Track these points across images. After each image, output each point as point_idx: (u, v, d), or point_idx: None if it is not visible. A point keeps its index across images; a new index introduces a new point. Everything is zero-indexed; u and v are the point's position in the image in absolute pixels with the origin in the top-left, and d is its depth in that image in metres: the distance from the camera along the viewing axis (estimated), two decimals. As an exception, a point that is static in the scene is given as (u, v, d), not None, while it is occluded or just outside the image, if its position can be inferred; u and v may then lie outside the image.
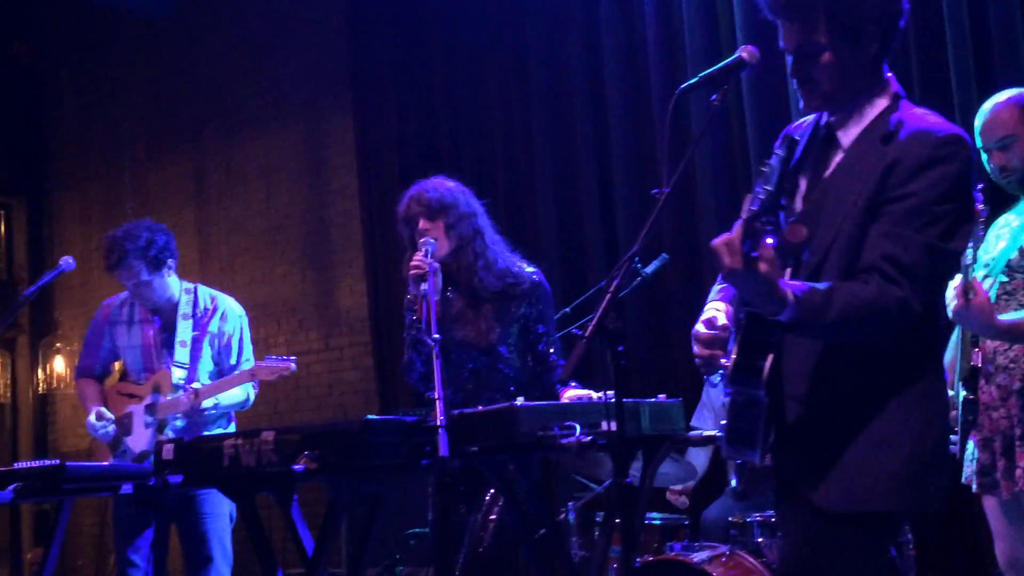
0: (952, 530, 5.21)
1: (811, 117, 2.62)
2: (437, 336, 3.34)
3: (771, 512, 4.66)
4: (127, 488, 3.94)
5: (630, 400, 3.23)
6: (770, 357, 2.30)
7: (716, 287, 2.76)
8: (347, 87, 8.27)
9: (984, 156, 3.55)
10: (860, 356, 2.36)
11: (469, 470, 3.59)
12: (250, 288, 8.75)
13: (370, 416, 3.09)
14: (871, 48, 2.42)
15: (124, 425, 4.81)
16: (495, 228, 4.05)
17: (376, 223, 7.90)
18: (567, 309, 5.00)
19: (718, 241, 2.18)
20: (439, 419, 3.08)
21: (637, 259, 4.19)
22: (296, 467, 3.02)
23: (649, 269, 4.87)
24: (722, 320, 2.50)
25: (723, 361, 2.42)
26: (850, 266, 2.36)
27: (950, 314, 3.29)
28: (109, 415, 4.80)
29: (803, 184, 2.52)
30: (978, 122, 3.59)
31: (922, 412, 2.38)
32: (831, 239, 2.38)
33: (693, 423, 5.71)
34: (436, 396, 3.14)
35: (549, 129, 6.96)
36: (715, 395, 5.80)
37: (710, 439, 3.49)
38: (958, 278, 3.22)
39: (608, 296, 2.43)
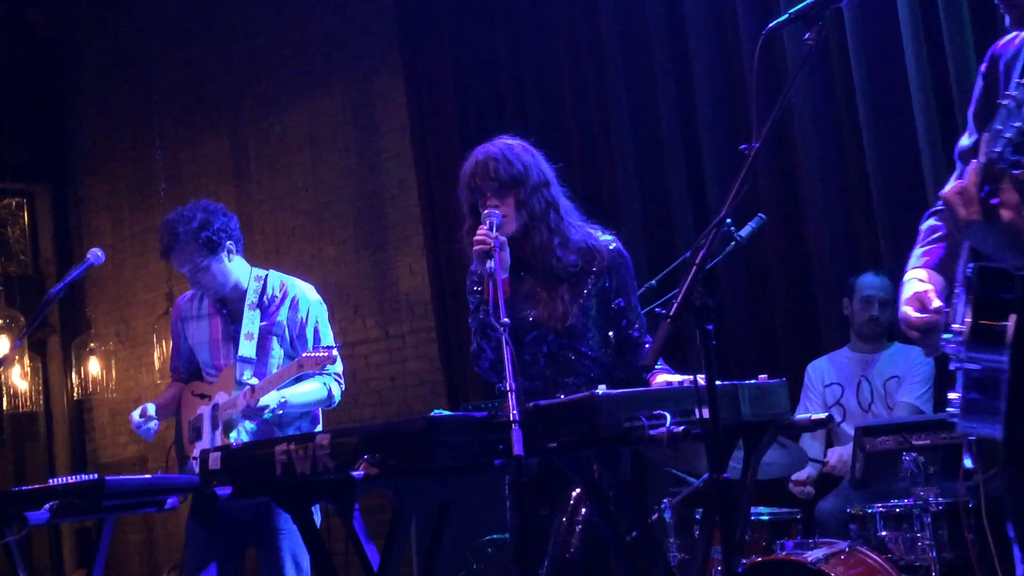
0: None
1: (1019, 34, 2.52)
2: (506, 320, 3.34)
3: (895, 502, 4.63)
4: (173, 502, 4.02)
5: (726, 383, 3.21)
6: (1012, 318, 2.21)
7: (918, 249, 2.68)
8: (396, 42, 8.30)
9: None
10: None
11: (551, 468, 3.60)
12: (298, 272, 8.78)
13: (435, 413, 3.11)
14: None
15: (196, 430, 4.90)
16: (567, 195, 4.05)
17: (435, 194, 7.93)
18: (652, 282, 5.00)
19: (950, 190, 2.13)
20: (512, 413, 3.08)
21: (729, 222, 4.18)
22: (355, 473, 3.05)
23: (744, 232, 4.84)
24: (935, 301, 2.43)
25: (955, 326, 2.35)
26: None
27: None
28: (151, 412, 4.89)
29: None
30: None
31: None
32: None
33: (798, 410, 5.69)
34: (508, 387, 3.14)
35: (625, 80, 6.93)
36: (816, 376, 5.78)
37: (820, 422, 3.47)
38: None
39: (694, 268, 2.43)
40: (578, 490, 3.67)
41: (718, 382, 2.80)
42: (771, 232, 6.06)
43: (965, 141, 2.58)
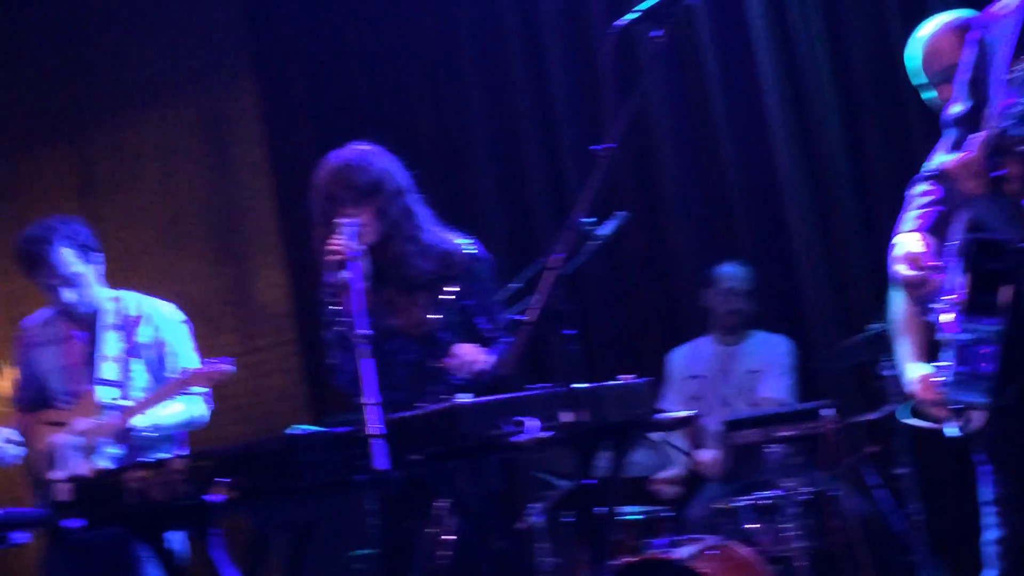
0: None
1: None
2: (367, 332, 3.30)
3: (761, 494, 4.69)
4: (19, 537, 3.88)
5: (591, 385, 3.22)
6: (1009, 289, 2.24)
7: (910, 213, 2.66)
8: (248, 47, 8.15)
9: (928, 93, 3.56)
10: None
11: (416, 480, 3.57)
12: (152, 290, 8.60)
13: (293, 429, 3.05)
14: None
15: (49, 460, 4.73)
16: (424, 201, 4.03)
17: (294, 201, 7.79)
18: (515, 284, 4.98)
19: (955, 163, 2.15)
20: (374, 426, 3.04)
21: (589, 221, 4.19)
22: (211, 498, 2.98)
23: (604, 231, 4.85)
24: (927, 261, 2.44)
25: (948, 296, 2.37)
26: None
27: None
28: (8, 433, 4.71)
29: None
30: (915, 54, 3.60)
31: None
32: None
33: (663, 404, 5.74)
34: (368, 400, 3.11)
35: (481, 82, 6.91)
36: (677, 367, 5.83)
37: (684, 420, 3.50)
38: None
39: (552, 273, 2.41)
40: (445, 501, 3.64)
41: (582, 384, 2.80)
42: (632, 230, 6.10)
43: (957, 108, 2.56)
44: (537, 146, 6.72)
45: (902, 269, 2.39)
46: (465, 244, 3.98)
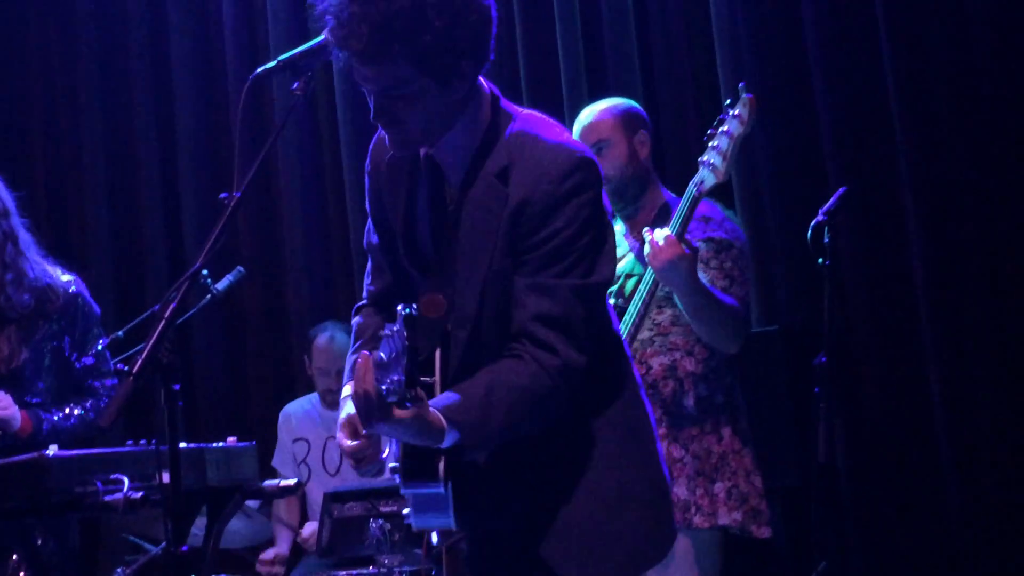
0: None
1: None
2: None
3: (360, 571, 4.68)
4: None
5: (191, 446, 3.16)
6: (442, 459, 2.32)
7: (350, 355, 2.71)
8: None
9: None
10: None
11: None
12: None
13: None
14: (465, 83, 2.40)
15: None
16: (28, 226, 3.86)
17: None
18: (120, 333, 4.79)
19: (353, 392, 2.17)
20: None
21: (206, 273, 4.10)
22: None
23: (221, 285, 4.75)
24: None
25: (392, 465, 2.43)
26: (507, 331, 2.40)
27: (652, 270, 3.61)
28: None
29: (426, 230, 2.52)
30: (576, 128, 3.92)
31: (635, 448, 2.51)
32: (476, 306, 2.41)
33: (275, 463, 5.65)
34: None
35: (100, 109, 6.66)
36: (285, 428, 5.73)
37: (289, 489, 3.45)
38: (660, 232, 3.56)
39: (163, 322, 2.32)
40: (15, 557, 3.44)
41: (183, 444, 2.72)
42: (250, 283, 6.00)
43: (372, 240, 2.70)
44: (157, 189, 6.54)
45: (346, 441, 2.46)
46: (67, 280, 3.84)
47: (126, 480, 2.93)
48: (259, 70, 2.55)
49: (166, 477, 2.48)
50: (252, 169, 2.49)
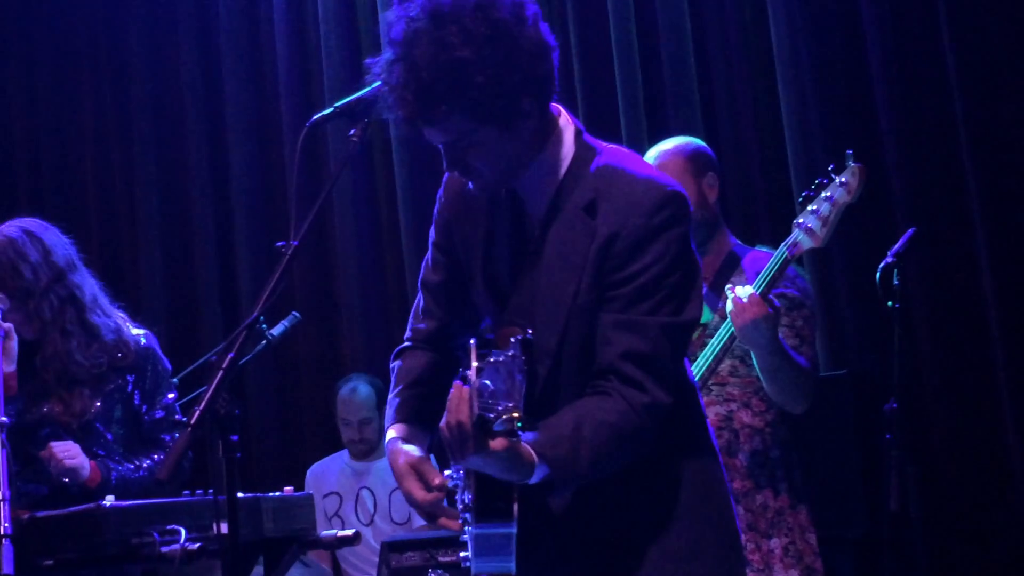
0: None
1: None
2: (4, 420, 3.14)
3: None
4: None
5: (248, 495, 3.18)
6: (516, 500, 2.29)
7: (393, 396, 2.65)
8: None
9: None
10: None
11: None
12: None
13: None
14: (531, 120, 2.40)
15: None
16: (91, 275, 3.86)
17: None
18: (174, 380, 4.84)
19: (445, 423, 2.16)
20: (3, 526, 2.90)
21: (262, 318, 4.14)
22: None
23: (276, 331, 4.79)
24: (435, 478, 2.40)
25: (460, 519, 2.42)
26: (588, 367, 2.40)
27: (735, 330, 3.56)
28: None
29: (505, 263, 2.52)
30: None
31: (708, 501, 2.49)
32: (558, 340, 2.40)
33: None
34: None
35: (155, 160, 6.74)
36: (314, 484, 5.74)
37: (347, 540, 3.46)
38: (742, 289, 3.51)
39: (220, 373, 2.34)
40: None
41: (240, 493, 2.73)
42: (304, 331, 6.04)
43: (434, 277, 2.69)
44: (210, 236, 6.60)
45: (416, 492, 2.42)
46: (138, 334, 3.85)
47: (183, 531, 2.94)
48: (316, 117, 2.58)
49: (223, 528, 2.49)
50: (310, 217, 2.51)
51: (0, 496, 2.97)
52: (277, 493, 3.36)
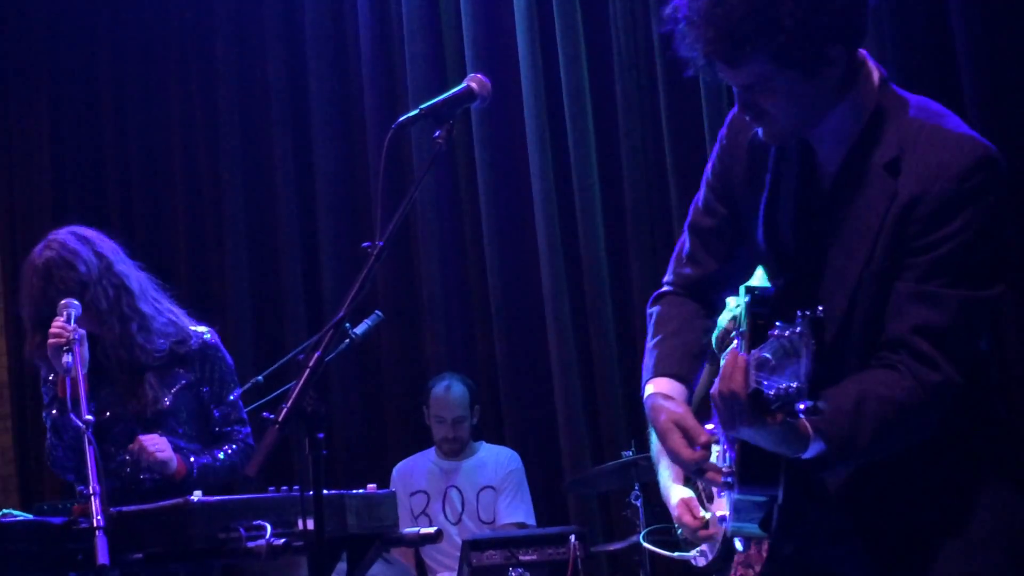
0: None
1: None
2: (90, 418, 3.23)
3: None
4: None
5: (332, 492, 3.19)
6: (783, 465, 2.19)
7: (652, 344, 2.50)
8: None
9: None
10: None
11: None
12: None
13: (3, 517, 2.92)
14: (837, 68, 2.23)
15: None
16: (140, 266, 3.98)
17: (15, 270, 7.48)
18: (259, 378, 4.90)
19: (718, 391, 2.08)
20: (96, 519, 2.96)
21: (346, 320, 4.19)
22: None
23: (360, 330, 4.83)
24: (701, 435, 2.28)
25: (723, 480, 2.29)
26: (877, 337, 2.24)
27: None
28: None
29: (789, 215, 2.36)
30: None
31: (997, 487, 2.30)
32: (846, 305, 2.25)
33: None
34: (91, 490, 3.02)
35: (241, 162, 6.83)
36: (401, 482, 5.79)
37: (429, 537, 3.48)
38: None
39: (307, 371, 2.38)
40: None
41: (325, 490, 2.77)
42: (387, 330, 6.09)
43: (706, 220, 2.51)
44: (295, 236, 6.68)
45: (686, 517, 2.35)
46: (202, 330, 3.96)
47: (268, 527, 2.97)
48: (401, 118, 2.61)
49: (309, 524, 2.53)
50: (396, 218, 2.54)
51: (92, 490, 3.03)
52: (361, 490, 3.38)
